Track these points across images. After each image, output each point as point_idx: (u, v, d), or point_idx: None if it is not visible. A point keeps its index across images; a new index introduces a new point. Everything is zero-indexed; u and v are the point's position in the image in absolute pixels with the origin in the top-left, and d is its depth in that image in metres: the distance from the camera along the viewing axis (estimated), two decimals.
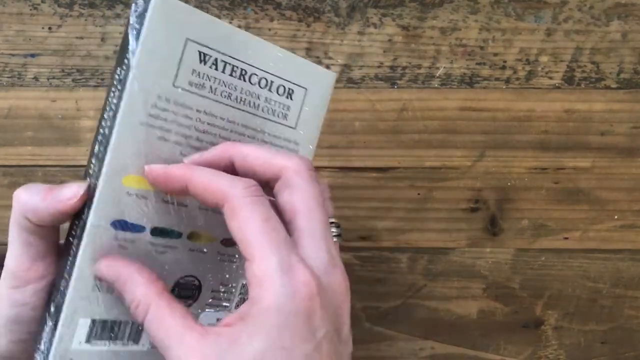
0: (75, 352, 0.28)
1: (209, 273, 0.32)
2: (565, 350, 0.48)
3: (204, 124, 0.30)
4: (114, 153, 0.27)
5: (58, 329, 0.27)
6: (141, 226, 0.29)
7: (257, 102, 0.32)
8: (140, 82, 0.27)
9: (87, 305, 0.28)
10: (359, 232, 0.47)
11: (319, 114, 0.36)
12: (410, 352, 0.48)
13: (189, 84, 0.29)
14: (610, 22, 0.48)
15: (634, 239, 0.48)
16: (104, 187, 0.27)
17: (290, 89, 0.33)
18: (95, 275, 0.28)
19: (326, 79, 0.35)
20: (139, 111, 0.27)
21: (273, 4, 0.47)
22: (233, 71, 0.31)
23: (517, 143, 0.48)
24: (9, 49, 0.46)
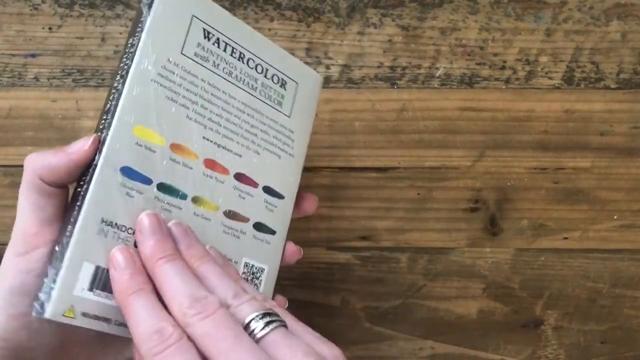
0: (77, 298, 0.27)
1: (212, 243, 0.32)
2: (564, 350, 0.48)
3: (209, 93, 0.32)
4: (125, 101, 0.29)
5: (62, 270, 0.27)
6: (148, 178, 0.30)
7: (254, 84, 0.35)
8: (152, 44, 0.30)
9: (92, 249, 0.28)
10: (359, 232, 0.47)
11: (310, 111, 0.38)
12: (410, 352, 0.48)
13: (195, 54, 0.32)
14: (609, 22, 0.48)
15: (633, 239, 0.48)
16: (115, 131, 0.29)
17: (283, 79, 0.36)
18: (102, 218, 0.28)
19: (314, 79, 0.39)
20: (150, 69, 0.30)
21: (273, 4, 0.47)
22: (233, 52, 0.34)
23: (517, 143, 0.48)
24: (9, 49, 0.46)
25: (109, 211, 0.28)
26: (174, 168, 0.31)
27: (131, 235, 0.29)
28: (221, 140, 0.33)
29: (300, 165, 0.38)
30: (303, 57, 0.47)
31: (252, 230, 0.34)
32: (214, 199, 0.32)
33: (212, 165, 0.33)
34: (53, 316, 0.27)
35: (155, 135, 0.30)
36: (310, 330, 0.28)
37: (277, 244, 0.36)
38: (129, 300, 0.27)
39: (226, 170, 0.33)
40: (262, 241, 0.35)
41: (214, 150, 0.33)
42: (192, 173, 0.32)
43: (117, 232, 0.29)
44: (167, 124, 0.31)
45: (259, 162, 0.35)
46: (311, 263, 0.47)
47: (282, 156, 0.36)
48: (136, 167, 0.29)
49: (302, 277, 0.44)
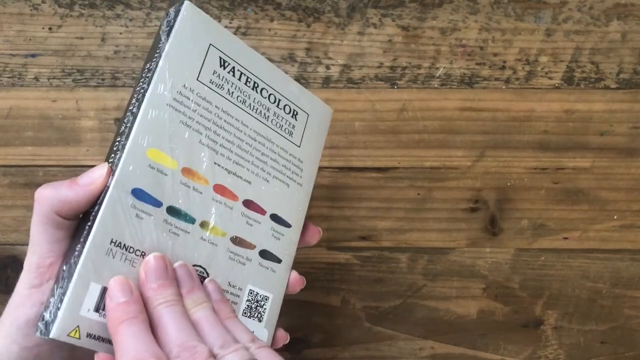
0: (82, 319, 0.27)
1: (218, 268, 0.32)
2: (564, 350, 0.48)
3: (222, 120, 0.33)
4: (140, 124, 0.29)
5: (69, 289, 0.27)
6: (159, 201, 0.30)
7: (267, 113, 0.35)
8: (169, 69, 0.31)
9: (100, 270, 0.28)
10: (359, 232, 0.47)
11: (320, 141, 0.39)
12: (410, 352, 0.48)
13: (210, 82, 0.32)
14: (609, 22, 0.48)
15: (633, 239, 0.48)
16: (129, 153, 0.29)
17: (295, 110, 0.37)
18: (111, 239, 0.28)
19: (325, 111, 0.40)
20: (166, 94, 0.30)
21: (273, 4, 0.47)
22: (247, 81, 0.34)
23: (517, 143, 0.48)
24: (9, 49, 0.46)
25: (118, 232, 0.28)
26: (184, 192, 0.31)
27: (138, 257, 0.29)
28: (232, 166, 0.33)
29: (308, 195, 0.38)
30: (303, 57, 0.47)
31: (258, 257, 0.34)
32: (222, 225, 0.33)
33: (222, 191, 0.33)
34: (58, 336, 0.26)
35: (168, 158, 0.30)
36: None
37: (283, 273, 0.36)
38: (118, 329, 0.26)
39: (235, 196, 0.33)
40: (267, 269, 0.35)
41: (224, 176, 0.33)
42: (202, 198, 0.32)
43: (125, 254, 0.29)
44: (180, 148, 0.31)
45: (268, 190, 0.35)
46: (311, 263, 0.47)
47: (291, 185, 0.37)
48: (147, 190, 0.30)
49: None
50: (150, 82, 0.30)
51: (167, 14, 0.32)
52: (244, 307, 0.34)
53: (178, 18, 0.31)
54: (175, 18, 0.31)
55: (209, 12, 0.47)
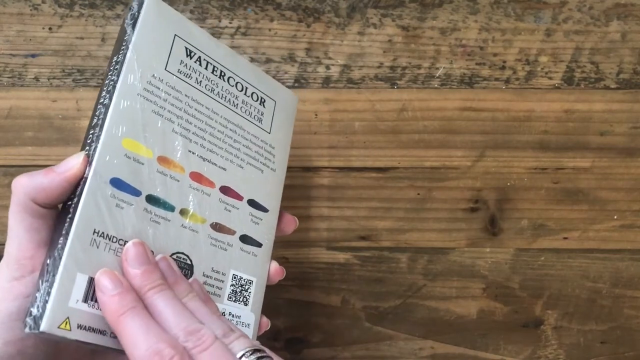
0: (72, 310, 0.27)
1: (200, 255, 0.33)
2: (564, 350, 0.48)
3: (192, 108, 0.33)
4: (114, 114, 0.30)
5: (56, 282, 0.27)
6: (137, 190, 0.30)
7: (235, 101, 0.36)
8: (137, 60, 0.31)
9: (85, 261, 0.28)
10: (359, 232, 0.47)
11: (289, 127, 0.40)
12: (410, 352, 0.48)
13: (178, 71, 0.33)
14: (609, 22, 0.48)
15: (633, 239, 0.48)
16: (104, 144, 0.29)
17: (262, 97, 0.38)
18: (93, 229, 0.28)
19: (291, 99, 0.40)
20: (136, 84, 0.31)
21: (273, 4, 0.47)
22: (214, 70, 0.35)
23: (517, 143, 0.48)
24: (9, 49, 0.46)
25: (100, 222, 0.28)
26: (162, 180, 0.31)
27: (122, 247, 0.29)
28: (206, 153, 0.34)
29: (282, 180, 0.38)
30: (303, 57, 0.47)
31: (238, 242, 0.35)
32: (201, 212, 0.33)
33: (199, 178, 0.33)
34: (49, 329, 0.26)
35: (143, 147, 0.31)
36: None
37: (264, 257, 0.36)
38: (121, 321, 0.26)
39: (212, 183, 0.34)
40: (249, 253, 0.35)
41: (200, 164, 0.33)
42: (179, 185, 0.32)
43: (109, 243, 0.29)
44: (154, 137, 0.31)
45: (243, 176, 0.36)
46: (311, 263, 0.47)
47: (265, 170, 0.37)
48: (125, 179, 0.30)
49: (302, 277, 0.44)
50: (119, 74, 0.30)
51: (131, 7, 0.32)
52: (229, 291, 0.34)
53: (142, 10, 0.32)
54: (139, 10, 0.32)
55: (209, 12, 0.47)
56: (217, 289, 0.33)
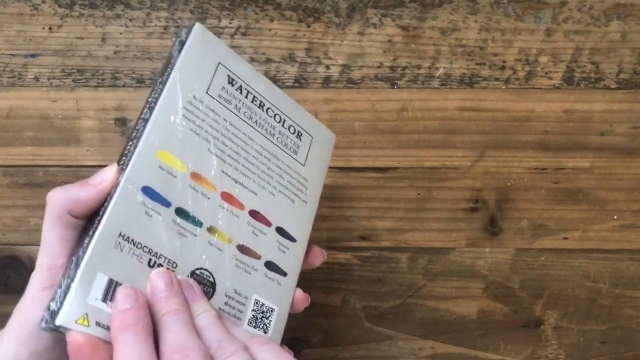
0: (90, 307, 0.27)
1: (224, 274, 0.33)
2: (564, 350, 0.48)
3: (229, 132, 0.34)
4: (153, 126, 0.31)
5: (77, 278, 0.27)
6: (168, 201, 0.31)
7: (272, 130, 0.36)
8: (181, 80, 0.32)
9: (107, 261, 0.28)
10: (359, 232, 0.47)
11: (324, 165, 0.40)
12: (410, 352, 0.48)
13: (219, 96, 0.34)
14: (609, 22, 0.48)
15: (633, 239, 0.48)
16: (140, 152, 0.30)
17: (299, 131, 0.38)
18: (119, 232, 0.28)
19: (329, 136, 0.41)
20: (177, 101, 0.32)
21: (273, 4, 0.47)
22: (254, 100, 0.36)
23: (517, 143, 0.48)
24: (9, 49, 0.46)
25: (127, 226, 0.29)
26: (193, 195, 0.32)
27: (146, 254, 0.29)
28: (239, 176, 0.34)
29: (313, 213, 0.38)
30: (303, 57, 0.47)
31: (263, 268, 0.35)
32: (228, 231, 0.33)
33: (229, 199, 0.33)
34: (65, 322, 0.26)
35: (178, 161, 0.31)
36: None
37: (288, 286, 0.36)
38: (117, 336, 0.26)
39: (242, 205, 0.34)
40: (273, 281, 0.35)
41: (232, 185, 0.33)
42: (210, 203, 0.32)
43: (133, 249, 0.29)
44: (189, 153, 0.32)
45: (274, 203, 0.36)
46: None
47: (296, 201, 0.37)
48: (157, 189, 0.30)
49: (302, 277, 0.44)
50: (162, 91, 0.31)
51: (178, 34, 0.33)
52: (250, 316, 0.34)
53: (190, 36, 0.33)
54: (187, 37, 0.33)
55: (209, 12, 0.47)
56: (239, 311, 0.33)
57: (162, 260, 0.30)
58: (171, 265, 0.30)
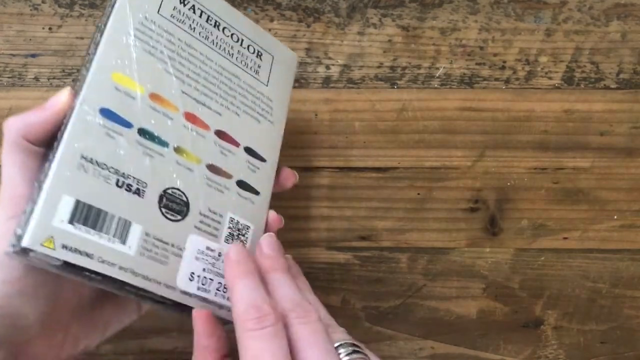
0: (56, 229, 0.27)
1: (196, 193, 0.32)
2: (564, 350, 0.48)
3: (185, 52, 0.33)
4: (104, 48, 0.30)
5: (40, 201, 0.26)
6: (129, 122, 0.30)
7: (230, 50, 0.36)
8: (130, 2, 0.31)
9: (71, 183, 0.27)
10: (359, 232, 0.47)
11: (288, 85, 0.39)
12: (410, 352, 0.48)
13: (171, 16, 0.33)
14: (609, 22, 0.48)
15: (633, 239, 0.48)
16: (93, 75, 0.29)
17: (259, 51, 0.37)
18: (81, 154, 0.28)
19: (290, 56, 0.40)
20: (128, 22, 0.31)
21: (273, 4, 0.47)
22: (209, 19, 0.35)
23: (517, 143, 0.48)
24: (9, 49, 0.46)
25: (88, 148, 0.28)
26: (155, 116, 0.31)
27: (113, 174, 0.29)
28: (200, 97, 0.34)
29: (280, 134, 0.38)
30: (303, 57, 0.47)
31: (236, 187, 0.35)
32: (195, 151, 0.33)
33: (193, 119, 0.33)
34: (31, 244, 0.26)
35: (134, 83, 0.31)
36: None
37: (262, 205, 0.36)
38: (236, 282, 0.29)
39: (207, 125, 0.34)
40: (246, 199, 0.35)
41: (194, 105, 0.33)
42: (173, 123, 0.32)
43: (98, 170, 0.29)
44: (146, 74, 0.31)
45: (239, 123, 0.35)
46: (311, 263, 0.47)
47: (262, 121, 0.37)
48: (115, 110, 0.30)
49: None
50: (110, 15, 0.31)
51: None
52: (226, 234, 0.34)
53: None
54: None
55: None
56: (214, 229, 0.33)
57: (130, 180, 0.30)
58: (141, 185, 0.30)
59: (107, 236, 0.28)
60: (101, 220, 0.28)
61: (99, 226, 0.28)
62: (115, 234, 0.29)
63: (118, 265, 0.28)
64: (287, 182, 0.39)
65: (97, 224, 0.28)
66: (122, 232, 0.29)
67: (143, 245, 0.29)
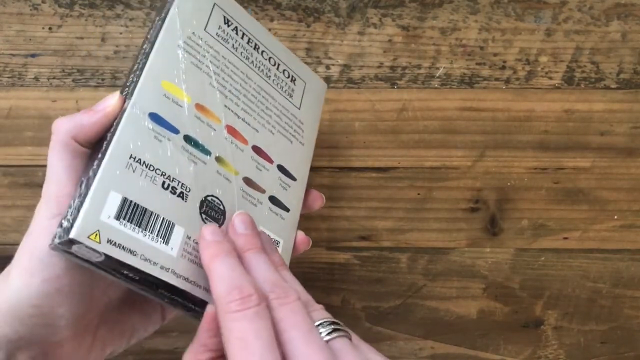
0: (103, 224, 0.27)
1: (233, 204, 0.33)
2: (565, 350, 0.48)
3: (228, 69, 0.35)
4: (155, 57, 0.31)
5: (89, 196, 0.27)
6: (176, 128, 0.31)
7: (268, 73, 0.37)
8: (179, 16, 0.33)
9: (120, 181, 0.28)
10: (359, 232, 0.47)
11: (317, 111, 0.41)
12: (410, 352, 0.48)
13: (216, 34, 0.35)
14: (610, 22, 0.48)
15: (633, 239, 0.48)
16: (144, 81, 0.30)
17: (293, 76, 0.39)
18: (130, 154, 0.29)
19: (321, 85, 0.42)
20: (178, 35, 0.32)
21: (273, 4, 0.47)
22: (249, 41, 0.37)
23: (517, 143, 0.48)
24: (9, 49, 0.46)
25: (137, 148, 0.29)
26: (199, 125, 0.32)
27: (159, 176, 0.30)
28: (240, 112, 0.35)
29: (310, 156, 0.39)
30: (303, 57, 0.47)
31: (268, 202, 0.35)
32: (234, 163, 0.34)
33: (233, 132, 0.34)
34: (78, 236, 0.26)
35: (182, 92, 0.32)
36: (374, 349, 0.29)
37: (291, 222, 0.37)
38: (214, 261, 0.28)
39: (245, 140, 0.35)
40: (277, 215, 0.36)
41: (235, 120, 0.34)
42: (216, 134, 0.33)
43: (145, 170, 0.29)
44: (193, 85, 0.32)
45: (274, 141, 0.37)
46: (311, 263, 0.47)
47: (294, 142, 0.38)
48: (164, 116, 0.31)
49: (302, 277, 0.44)
50: (161, 27, 0.32)
51: None
52: None
53: None
54: None
55: None
56: None
57: (176, 183, 0.30)
58: (185, 189, 0.31)
59: (151, 235, 0.29)
60: (146, 219, 0.29)
61: (143, 225, 0.29)
62: (159, 234, 0.29)
63: (160, 264, 0.29)
64: (314, 204, 0.39)
65: (142, 222, 0.29)
66: (165, 233, 0.29)
67: (184, 247, 0.30)
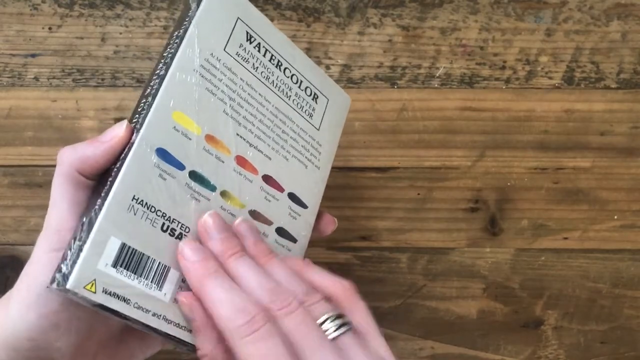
0: (100, 273, 0.27)
1: None
2: (565, 350, 0.48)
3: (245, 93, 0.33)
4: (168, 85, 0.30)
5: (89, 241, 0.26)
6: (182, 164, 0.30)
7: (289, 92, 0.36)
8: (198, 36, 0.31)
9: (120, 225, 0.27)
10: (359, 232, 0.47)
11: (338, 128, 0.39)
12: (410, 352, 0.48)
13: (237, 54, 0.33)
14: (610, 22, 0.48)
15: (633, 239, 0.48)
16: (155, 112, 0.29)
17: (315, 93, 0.37)
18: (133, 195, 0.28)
19: (344, 99, 0.40)
20: (194, 59, 0.31)
21: (273, 4, 0.47)
22: (272, 59, 0.35)
23: (517, 143, 0.48)
24: (9, 49, 0.46)
25: (140, 189, 0.28)
26: (207, 159, 0.31)
27: (159, 218, 0.29)
28: (253, 140, 0.33)
29: (325, 180, 0.38)
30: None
31: (274, 234, 0.34)
32: (241, 197, 0.33)
33: (243, 163, 0.33)
34: (75, 287, 0.26)
35: (193, 123, 0.31)
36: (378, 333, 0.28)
37: (298, 253, 0.36)
38: (205, 283, 0.27)
39: (255, 170, 0.34)
40: (283, 247, 0.35)
41: (246, 149, 0.33)
42: (224, 167, 0.32)
43: (147, 212, 0.29)
44: (205, 114, 0.31)
45: (287, 168, 0.35)
46: None
47: (309, 167, 0.37)
48: (171, 151, 0.30)
49: None
50: (178, 48, 0.30)
51: None
52: None
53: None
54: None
55: None
56: None
57: (175, 224, 0.30)
58: (184, 229, 0.30)
59: (145, 282, 0.28)
60: (142, 265, 0.28)
61: (139, 271, 0.28)
62: (154, 280, 0.29)
63: (152, 311, 0.28)
64: (327, 229, 0.38)
65: (138, 269, 0.28)
66: (159, 278, 0.29)
67: (178, 291, 0.29)
